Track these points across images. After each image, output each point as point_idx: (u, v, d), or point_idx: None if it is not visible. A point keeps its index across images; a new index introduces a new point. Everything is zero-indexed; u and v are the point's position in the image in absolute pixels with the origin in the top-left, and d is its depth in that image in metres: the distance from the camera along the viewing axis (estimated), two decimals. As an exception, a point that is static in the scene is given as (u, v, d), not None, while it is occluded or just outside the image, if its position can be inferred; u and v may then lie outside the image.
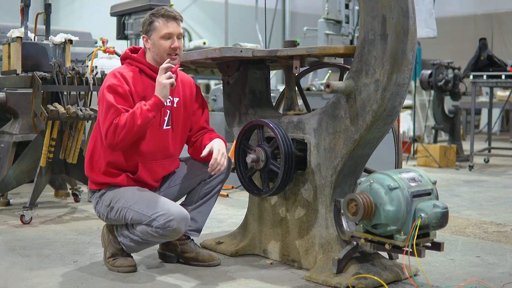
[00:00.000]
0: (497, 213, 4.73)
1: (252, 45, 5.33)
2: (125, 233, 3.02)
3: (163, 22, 2.99)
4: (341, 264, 2.81)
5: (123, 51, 3.23)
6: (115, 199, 2.99)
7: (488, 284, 2.85)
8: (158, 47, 3.01)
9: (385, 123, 2.84)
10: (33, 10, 4.69)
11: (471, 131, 7.80)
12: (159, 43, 3.00)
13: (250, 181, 3.22)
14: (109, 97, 2.90)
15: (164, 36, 2.99)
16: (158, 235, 2.87)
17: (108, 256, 3.07)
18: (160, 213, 2.84)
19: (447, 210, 2.58)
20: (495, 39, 15.72)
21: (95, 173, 3.07)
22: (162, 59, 3.02)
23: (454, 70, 8.57)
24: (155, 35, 3.00)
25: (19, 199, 5.08)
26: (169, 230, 2.84)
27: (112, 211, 3.00)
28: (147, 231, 2.89)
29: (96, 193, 3.10)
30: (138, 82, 3.00)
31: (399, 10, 2.65)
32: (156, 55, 3.03)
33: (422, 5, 7.52)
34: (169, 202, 2.94)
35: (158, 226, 2.83)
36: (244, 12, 13.99)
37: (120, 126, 2.85)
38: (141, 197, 2.95)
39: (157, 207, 2.87)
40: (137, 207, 2.90)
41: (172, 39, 3.01)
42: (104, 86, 2.96)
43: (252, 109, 3.42)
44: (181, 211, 2.89)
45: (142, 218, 2.88)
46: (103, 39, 5.16)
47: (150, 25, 3.01)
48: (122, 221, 2.98)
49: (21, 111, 5.03)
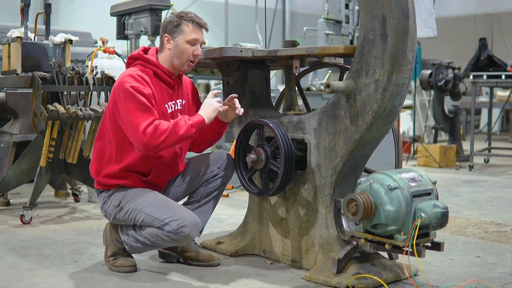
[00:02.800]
0: (497, 213, 4.73)
1: (252, 45, 5.33)
2: (131, 233, 3.01)
3: (192, 27, 2.99)
4: (341, 264, 2.81)
5: (123, 51, 3.24)
6: (125, 200, 2.98)
7: (488, 284, 2.85)
8: (181, 51, 3.00)
9: (385, 123, 2.84)
10: (33, 10, 4.69)
11: (471, 131, 7.80)
12: (184, 47, 2.99)
13: (250, 181, 3.22)
14: (137, 97, 2.85)
15: (190, 41, 2.99)
16: (169, 239, 2.86)
17: (109, 255, 3.07)
18: (174, 218, 2.83)
19: (447, 210, 2.58)
20: (495, 39, 15.72)
21: (104, 177, 3.03)
22: (181, 63, 3.02)
23: (454, 70, 8.56)
24: (180, 38, 2.99)
25: (19, 199, 5.08)
26: (181, 235, 2.83)
27: (121, 211, 2.98)
28: (158, 234, 2.88)
29: (103, 192, 3.08)
30: (155, 86, 2.98)
31: (399, 10, 2.65)
32: (176, 57, 3.01)
33: (422, 5, 7.52)
34: (182, 207, 2.95)
35: (171, 230, 2.82)
36: (244, 12, 13.98)
37: (161, 129, 2.81)
38: (153, 200, 2.93)
39: (170, 211, 2.87)
40: (149, 210, 2.89)
41: (196, 46, 3.02)
42: (124, 87, 2.87)
43: (252, 109, 3.42)
44: (194, 217, 2.88)
45: (154, 222, 2.87)
46: (103, 39, 5.16)
47: (177, 27, 2.99)
48: (131, 222, 2.97)
49: (21, 111, 5.03)
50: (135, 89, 2.86)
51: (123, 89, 2.88)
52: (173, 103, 3.07)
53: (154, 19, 5.92)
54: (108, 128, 3.01)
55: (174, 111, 3.07)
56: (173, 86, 3.08)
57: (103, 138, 3.05)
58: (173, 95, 3.09)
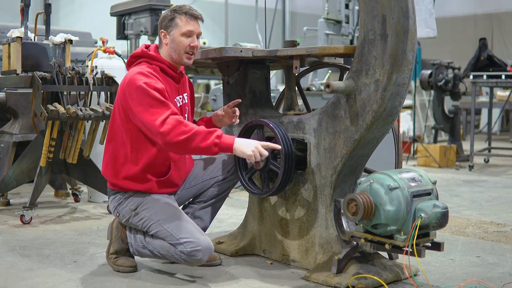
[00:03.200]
0: (497, 213, 4.73)
1: (252, 45, 5.33)
2: (139, 238, 2.99)
3: (185, 19, 2.98)
4: (341, 264, 2.81)
5: (123, 51, 3.23)
6: (143, 206, 2.95)
7: (488, 284, 2.85)
8: (177, 44, 2.99)
9: (385, 123, 2.84)
10: (33, 10, 4.69)
11: (471, 131, 7.80)
12: (179, 39, 2.98)
13: (250, 181, 3.22)
14: (151, 93, 2.81)
15: (185, 34, 2.98)
16: (179, 258, 2.83)
17: (111, 251, 3.06)
18: (189, 239, 2.79)
19: (447, 210, 2.58)
20: (495, 39, 15.72)
21: (123, 179, 2.98)
22: (179, 56, 3.01)
23: (454, 70, 8.57)
24: (175, 31, 2.98)
25: (19, 199, 5.08)
26: (193, 259, 2.80)
27: (136, 216, 2.95)
28: (169, 250, 2.85)
29: (119, 194, 3.03)
30: (164, 81, 2.97)
31: (399, 10, 2.65)
32: (173, 51, 3.00)
33: (422, 5, 7.52)
34: (198, 228, 2.89)
35: (183, 251, 2.79)
36: (244, 12, 13.99)
37: (184, 129, 2.74)
38: (172, 215, 2.90)
39: (187, 232, 2.82)
40: (166, 225, 2.86)
41: (192, 37, 3.00)
42: (136, 84, 2.83)
43: (252, 109, 3.42)
44: (208, 243, 2.83)
45: (169, 238, 2.84)
46: (103, 39, 5.16)
47: (172, 21, 2.99)
48: (144, 229, 2.95)
49: (21, 111, 5.03)
50: (148, 85, 2.83)
51: (135, 87, 2.84)
52: (180, 97, 3.07)
53: (154, 19, 5.92)
54: (120, 129, 2.97)
55: (182, 105, 3.08)
56: (178, 80, 3.08)
57: (114, 140, 3.00)
58: (179, 89, 3.09)
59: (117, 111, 2.98)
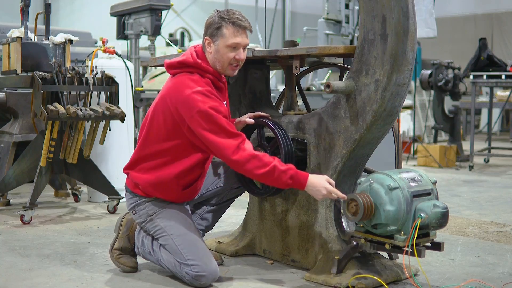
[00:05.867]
0: (497, 213, 4.73)
1: (252, 45, 5.33)
2: (147, 244, 2.96)
3: (233, 30, 2.82)
4: (341, 264, 2.81)
5: (123, 51, 3.21)
6: (159, 214, 2.91)
7: (488, 284, 2.85)
8: (221, 55, 2.85)
9: (385, 123, 2.84)
10: (33, 10, 4.69)
11: (471, 131, 7.80)
12: (223, 51, 2.84)
13: (250, 181, 3.22)
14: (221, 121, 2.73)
15: (231, 46, 2.83)
16: (183, 277, 2.82)
17: (115, 247, 3.04)
18: (196, 263, 2.77)
19: (447, 210, 2.58)
20: (495, 39, 15.71)
21: (146, 185, 2.90)
22: (222, 68, 2.88)
23: (454, 70, 8.56)
24: (221, 42, 2.83)
25: (19, 199, 5.08)
26: (197, 282, 2.78)
27: (151, 222, 2.92)
28: (175, 266, 2.84)
29: (141, 197, 2.94)
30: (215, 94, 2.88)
31: (399, 10, 2.65)
32: (217, 62, 2.87)
33: (422, 5, 7.51)
34: (209, 253, 2.86)
35: (188, 273, 2.78)
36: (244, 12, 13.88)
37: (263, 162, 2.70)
38: (185, 232, 2.86)
39: (197, 254, 2.79)
40: (178, 241, 2.83)
41: (238, 50, 2.86)
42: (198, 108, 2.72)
43: (252, 109, 3.42)
44: (215, 269, 2.80)
45: (177, 255, 2.82)
46: (103, 39, 5.16)
47: (218, 30, 2.83)
48: (154, 237, 2.94)
49: (21, 111, 5.03)
50: (214, 109, 2.73)
51: (197, 109, 2.72)
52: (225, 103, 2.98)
53: (154, 19, 5.92)
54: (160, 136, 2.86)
55: (228, 115, 2.97)
56: (224, 90, 3.01)
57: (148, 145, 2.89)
58: (223, 98, 2.99)
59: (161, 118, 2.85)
